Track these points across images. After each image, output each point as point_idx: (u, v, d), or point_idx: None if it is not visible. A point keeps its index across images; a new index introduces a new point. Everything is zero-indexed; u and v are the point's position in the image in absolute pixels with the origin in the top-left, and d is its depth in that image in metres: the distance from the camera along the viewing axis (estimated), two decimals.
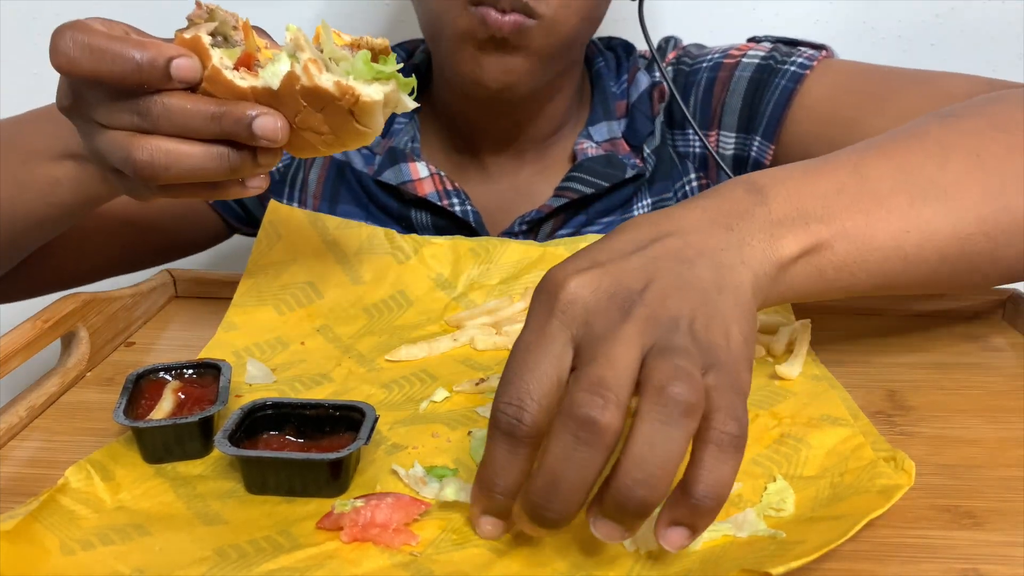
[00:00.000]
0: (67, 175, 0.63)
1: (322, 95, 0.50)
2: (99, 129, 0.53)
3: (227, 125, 0.51)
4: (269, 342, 0.65)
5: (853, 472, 0.47)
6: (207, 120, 0.51)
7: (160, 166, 0.51)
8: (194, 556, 0.42)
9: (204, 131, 0.51)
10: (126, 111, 0.51)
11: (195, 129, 0.51)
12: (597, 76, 0.90)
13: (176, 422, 0.49)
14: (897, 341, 0.68)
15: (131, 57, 0.49)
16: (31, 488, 0.47)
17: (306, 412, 0.50)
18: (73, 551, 0.42)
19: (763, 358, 0.62)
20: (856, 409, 0.54)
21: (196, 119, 0.51)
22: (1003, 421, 0.56)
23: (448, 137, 0.89)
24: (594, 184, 0.83)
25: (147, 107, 0.51)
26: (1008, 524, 0.45)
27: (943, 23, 1.11)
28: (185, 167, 0.52)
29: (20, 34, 1.13)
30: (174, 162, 0.51)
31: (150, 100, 0.51)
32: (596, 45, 0.93)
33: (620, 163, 0.84)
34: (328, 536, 0.44)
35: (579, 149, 0.86)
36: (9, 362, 0.57)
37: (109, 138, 0.52)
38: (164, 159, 0.51)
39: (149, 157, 0.51)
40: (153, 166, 0.51)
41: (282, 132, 0.51)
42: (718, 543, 0.43)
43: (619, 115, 0.88)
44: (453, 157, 0.89)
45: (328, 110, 0.51)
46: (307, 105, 0.51)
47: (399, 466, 0.49)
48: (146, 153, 0.51)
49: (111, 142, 0.52)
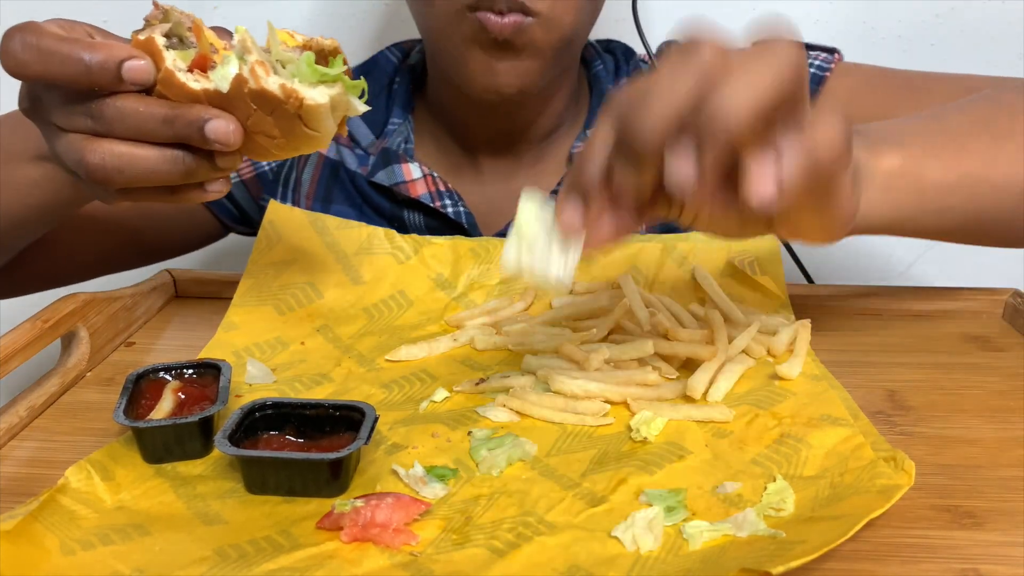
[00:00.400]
0: (44, 176, 0.63)
1: (269, 98, 0.49)
2: (56, 132, 0.52)
3: (180, 128, 0.50)
4: (269, 342, 0.65)
5: (853, 472, 0.47)
6: (160, 123, 0.50)
7: (112, 169, 0.50)
8: (194, 556, 0.42)
9: (158, 134, 0.50)
10: (80, 114, 0.50)
11: (149, 132, 0.50)
12: (595, 79, 0.90)
13: (176, 422, 0.49)
14: (897, 341, 0.68)
15: (81, 59, 0.48)
16: (31, 488, 0.47)
17: (306, 412, 0.50)
18: (73, 551, 0.42)
19: (763, 358, 0.62)
20: (856, 409, 0.54)
21: (149, 122, 0.50)
22: (1003, 421, 0.56)
23: (443, 138, 0.89)
24: None
25: (100, 110, 0.50)
26: (1008, 524, 0.45)
27: (943, 23, 1.11)
28: (138, 170, 0.51)
29: None
30: (127, 165, 0.50)
31: (103, 103, 0.50)
32: (594, 47, 0.93)
33: None
34: (328, 536, 0.44)
35: (576, 152, 0.86)
36: (9, 362, 0.57)
37: (65, 141, 0.51)
38: (116, 162, 0.50)
39: (100, 160, 0.50)
40: (105, 169, 0.50)
41: (235, 136, 0.50)
42: (718, 542, 0.43)
43: None
44: (447, 158, 0.89)
45: (277, 113, 0.50)
46: (257, 109, 0.50)
47: (399, 466, 0.49)
48: (98, 156, 0.50)
49: (67, 145, 0.51)
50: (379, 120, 0.88)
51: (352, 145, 0.88)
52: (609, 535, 0.44)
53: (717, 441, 0.52)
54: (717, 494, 0.47)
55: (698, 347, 0.59)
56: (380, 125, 0.88)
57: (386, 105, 0.88)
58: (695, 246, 0.72)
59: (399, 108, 0.88)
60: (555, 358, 0.60)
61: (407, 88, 0.89)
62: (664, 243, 0.73)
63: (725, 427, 0.54)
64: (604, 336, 0.63)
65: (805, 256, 1.05)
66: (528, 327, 0.65)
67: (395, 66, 0.91)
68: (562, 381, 0.56)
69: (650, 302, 0.66)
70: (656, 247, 0.73)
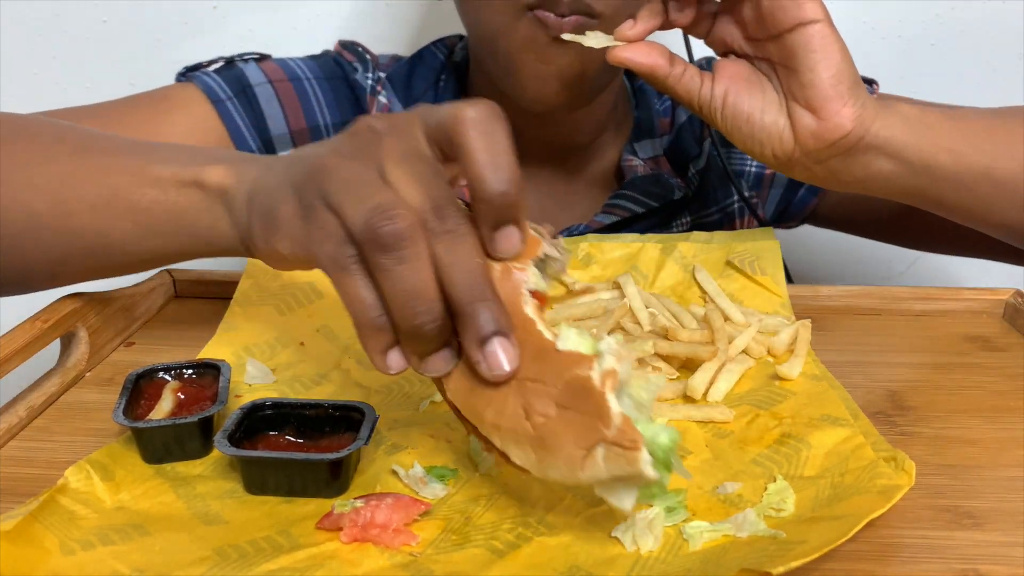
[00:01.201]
0: (190, 205, 0.53)
1: (588, 401, 0.39)
2: (303, 216, 0.44)
3: (458, 320, 0.41)
4: (269, 342, 0.64)
5: (853, 472, 0.47)
6: (434, 302, 0.40)
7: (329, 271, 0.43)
8: (194, 556, 0.42)
9: (423, 300, 0.40)
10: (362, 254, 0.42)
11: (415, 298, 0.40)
12: (640, 92, 0.90)
13: (176, 422, 0.49)
14: (897, 341, 0.68)
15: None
16: (31, 488, 0.47)
17: (306, 412, 0.50)
18: (73, 551, 0.42)
19: (763, 358, 0.62)
20: (856, 409, 0.54)
21: (422, 298, 0.40)
22: (1003, 421, 0.56)
23: None
24: (644, 204, 0.83)
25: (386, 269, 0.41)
26: (1008, 524, 0.45)
27: (943, 23, 1.11)
28: (349, 303, 0.42)
29: (20, 34, 1.13)
30: (345, 293, 0.42)
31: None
32: None
33: (667, 183, 0.85)
34: (328, 536, 0.44)
35: (627, 166, 0.85)
36: (9, 362, 0.57)
37: (304, 230, 0.44)
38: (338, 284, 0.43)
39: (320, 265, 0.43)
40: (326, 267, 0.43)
41: (504, 374, 0.40)
42: (718, 543, 0.43)
43: (662, 132, 0.88)
44: None
45: (572, 417, 0.39)
46: (559, 391, 0.39)
47: (399, 466, 0.49)
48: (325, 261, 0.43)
49: (305, 235, 0.44)
50: None
51: None
52: (609, 535, 0.44)
53: (717, 441, 0.52)
54: (717, 494, 0.47)
55: (698, 347, 0.59)
56: None
57: (434, 103, 0.86)
58: (694, 246, 0.72)
59: None
60: None
61: (455, 87, 0.88)
62: (664, 243, 0.73)
63: (725, 427, 0.54)
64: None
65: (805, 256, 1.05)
66: None
67: (442, 63, 0.89)
68: None
69: (650, 302, 0.66)
70: (656, 247, 0.73)
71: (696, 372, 0.57)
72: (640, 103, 0.89)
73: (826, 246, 1.22)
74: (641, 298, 0.65)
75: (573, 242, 0.73)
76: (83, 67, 1.14)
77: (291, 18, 1.12)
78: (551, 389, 0.39)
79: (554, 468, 0.39)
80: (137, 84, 1.14)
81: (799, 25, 0.58)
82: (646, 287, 0.71)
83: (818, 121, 0.59)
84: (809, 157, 0.61)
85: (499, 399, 0.40)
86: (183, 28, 1.12)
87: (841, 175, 0.62)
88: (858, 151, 0.61)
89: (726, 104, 0.62)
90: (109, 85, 1.15)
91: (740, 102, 0.62)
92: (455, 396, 0.42)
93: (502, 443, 0.40)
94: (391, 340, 0.42)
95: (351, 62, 0.88)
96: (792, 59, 0.59)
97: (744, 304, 0.68)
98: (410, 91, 0.88)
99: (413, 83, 0.88)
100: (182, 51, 1.14)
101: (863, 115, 0.59)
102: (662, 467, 0.39)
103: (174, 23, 1.12)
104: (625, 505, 0.39)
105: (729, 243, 0.72)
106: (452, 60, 0.90)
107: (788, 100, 0.61)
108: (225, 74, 0.85)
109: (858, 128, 0.59)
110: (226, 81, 0.84)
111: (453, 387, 0.42)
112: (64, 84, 1.15)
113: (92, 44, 1.13)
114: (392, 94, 0.87)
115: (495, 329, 0.40)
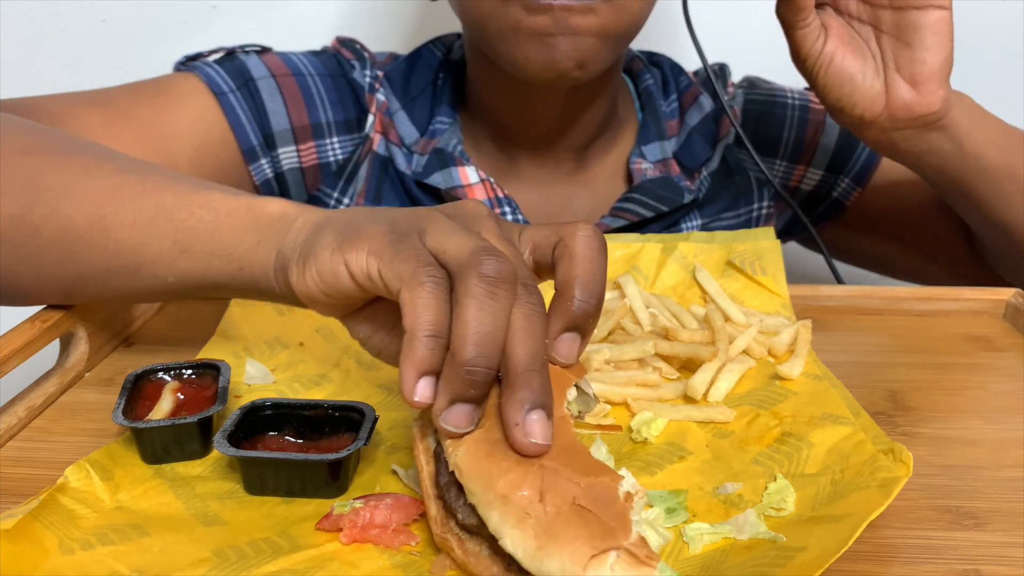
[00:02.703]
0: (238, 223, 0.52)
1: (610, 509, 0.38)
2: (336, 248, 0.45)
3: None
4: (268, 342, 0.64)
5: (854, 468, 0.47)
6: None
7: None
8: (193, 557, 0.42)
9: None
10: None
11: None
12: (647, 94, 0.89)
13: (175, 422, 0.49)
14: (898, 341, 0.68)
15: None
16: (30, 488, 0.47)
17: (305, 412, 0.50)
18: (72, 551, 0.42)
19: (764, 358, 0.62)
20: (857, 407, 0.54)
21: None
22: (1004, 422, 0.55)
23: (483, 141, 0.87)
24: (654, 207, 0.83)
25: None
26: (1009, 525, 0.45)
27: None
28: (417, 308, 0.41)
29: (20, 34, 1.13)
30: (411, 300, 0.41)
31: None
32: (641, 59, 0.92)
33: (677, 186, 0.85)
34: (327, 537, 0.44)
35: (636, 168, 0.85)
36: (8, 362, 0.57)
37: (332, 263, 0.45)
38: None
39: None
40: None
41: (539, 445, 0.40)
42: (718, 546, 0.43)
43: (670, 134, 0.88)
44: (489, 162, 0.87)
45: (590, 517, 0.38)
46: (582, 489, 0.38)
47: (399, 466, 0.49)
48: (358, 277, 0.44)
49: (335, 265, 0.45)
50: (423, 117, 0.86)
51: (399, 142, 0.86)
52: None
53: (718, 442, 0.52)
54: (718, 495, 0.47)
55: (699, 347, 0.59)
56: (425, 123, 0.86)
57: (431, 102, 0.87)
58: (695, 246, 0.72)
59: (447, 106, 0.86)
60: None
61: (453, 85, 0.87)
62: (664, 243, 0.73)
63: (726, 427, 0.54)
64: (604, 336, 0.63)
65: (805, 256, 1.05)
66: None
67: (440, 60, 0.89)
68: None
69: (650, 302, 0.66)
70: (656, 247, 0.72)
71: (697, 372, 0.57)
72: (646, 105, 0.89)
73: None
74: (641, 298, 0.65)
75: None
76: (83, 67, 1.14)
77: (290, 18, 1.13)
78: (573, 485, 0.38)
79: (554, 559, 0.37)
80: None
81: (930, 7, 0.64)
82: (647, 287, 0.70)
83: (915, 96, 0.67)
84: (891, 123, 0.69)
85: (517, 473, 0.39)
86: (183, 28, 1.12)
87: (907, 145, 0.70)
88: (932, 128, 0.69)
89: (832, 62, 0.68)
90: (108, 84, 1.16)
91: (847, 63, 0.68)
92: (465, 458, 0.40)
93: (499, 520, 0.38)
94: (434, 366, 0.41)
95: (349, 59, 0.88)
96: (911, 35, 0.66)
97: (745, 304, 0.68)
98: (408, 89, 0.87)
99: (411, 81, 0.87)
100: (182, 51, 1.14)
101: (949, 99, 0.67)
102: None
103: (174, 23, 1.12)
104: None
105: (730, 243, 0.72)
106: (450, 58, 0.89)
107: (887, 68, 0.67)
108: (227, 66, 0.84)
109: (943, 108, 0.67)
110: (228, 73, 0.83)
111: (464, 450, 0.40)
112: (64, 84, 1.15)
113: (92, 44, 1.13)
114: (390, 92, 0.87)
115: (543, 401, 0.40)
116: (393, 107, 0.86)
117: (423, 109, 0.86)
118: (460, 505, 0.41)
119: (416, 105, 0.86)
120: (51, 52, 1.14)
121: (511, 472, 0.39)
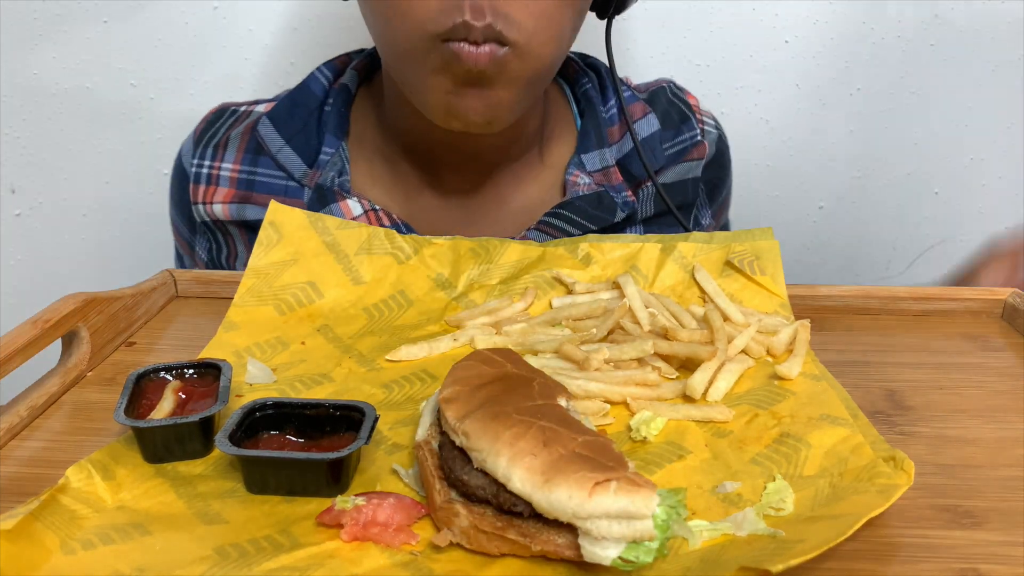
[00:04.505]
0: None
1: (607, 455, 0.42)
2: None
3: None
4: (269, 342, 0.65)
5: (852, 472, 0.47)
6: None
7: None
8: (194, 555, 0.42)
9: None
10: None
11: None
12: (586, 99, 0.87)
13: (176, 422, 0.49)
14: (897, 341, 0.68)
15: None
16: (32, 488, 0.47)
17: (306, 412, 0.50)
18: (74, 550, 0.42)
19: (763, 358, 0.62)
20: (855, 408, 0.54)
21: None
22: (1002, 421, 0.56)
23: (397, 159, 0.85)
24: (581, 226, 0.81)
25: None
26: (1007, 524, 0.45)
27: (943, 23, 1.11)
28: None
29: (20, 34, 1.13)
30: None
31: None
32: (576, 63, 0.89)
33: (610, 203, 0.82)
34: (328, 535, 0.44)
35: (571, 182, 0.83)
36: (10, 362, 0.57)
37: None
38: None
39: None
40: None
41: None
42: (718, 542, 0.43)
43: (611, 141, 0.86)
44: (402, 180, 0.85)
45: (591, 459, 0.42)
46: (579, 444, 0.43)
47: (400, 466, 0.49)
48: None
49: None
50: (311, 148, 0.84)
51: (285, 177, 0.84)
52: None
53: (717, 441, 0.52)
54: (717, 493, 0.47)
55: (698, 347, 0.59)
56: (312, 154, 0.84)
57: (317, 132, 0.84)
58: (694, 246, 0.72)
59: (330, 135, 0.84)
60: (555, 358, 0.60)
61: (339, 111, 0.85)
62: (664, 243, 0.73)
63: (725, 427, 0.54)
64: (604, 336, 0.63)
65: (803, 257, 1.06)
66: (528, 327, 0.65)
67: (324, 88, 0.86)
68: (562, 381, 0.56)
69: (650, 302, 0.66)
70: (655, 247, 0.73)
71: (695, 372, 0.57)
72: (586, 111, 0.87)
73: (826, 246, 1.22)
74: (641, 298, 0.65)
75: (573, 242, 0.73)
76: (83, 67, 1.14)
77: (291, 19, 1.13)
78: (572, 440, 0.43)
79: (560, 487, 0.40)
80: (138, 84, 1.15)
81: None
82: (646, 287, 0.71)
83: None
84: None
85: (522, 427, 0.43)
86: (183, 28, 1.13)
87: None
88: None
89: None
90: (109, 85, 1.16)
91: None
92: (472, 424, 0.45)
93: (508, 464, 0.42)
94: None
95: (186, 150, 0.89)
96: None
97: (743, 304, 0.68)
98: (292, 124, 0.85)
99: (295, 114, 0.85)
100: (182, 51, 1.15)
101: None
102: (661, 529, 0.40)
103: (174, 23, 1.13)
104: (608, 554, 0.40)
105: (729, 243, 0.72)
106: (340, 82, 0.87)
107: None
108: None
109: None
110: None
111: (471, 418, 0.45)
112: (65, 85, 1.15)
113: (92, 44, 1.13)
114: (273, 132, 0.85)
115: None
116: (275, 146, 0.85)
117: (310, 139, 0.84)
118: (467, 471, 0.44)
119: (301, 137, 0.85)
120: (52, 52, 1.14)
121: (516, 427, 0.43)
